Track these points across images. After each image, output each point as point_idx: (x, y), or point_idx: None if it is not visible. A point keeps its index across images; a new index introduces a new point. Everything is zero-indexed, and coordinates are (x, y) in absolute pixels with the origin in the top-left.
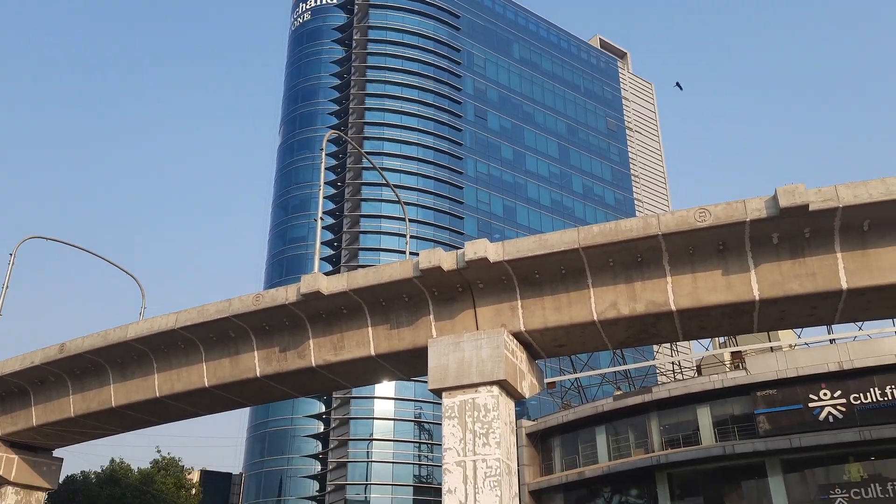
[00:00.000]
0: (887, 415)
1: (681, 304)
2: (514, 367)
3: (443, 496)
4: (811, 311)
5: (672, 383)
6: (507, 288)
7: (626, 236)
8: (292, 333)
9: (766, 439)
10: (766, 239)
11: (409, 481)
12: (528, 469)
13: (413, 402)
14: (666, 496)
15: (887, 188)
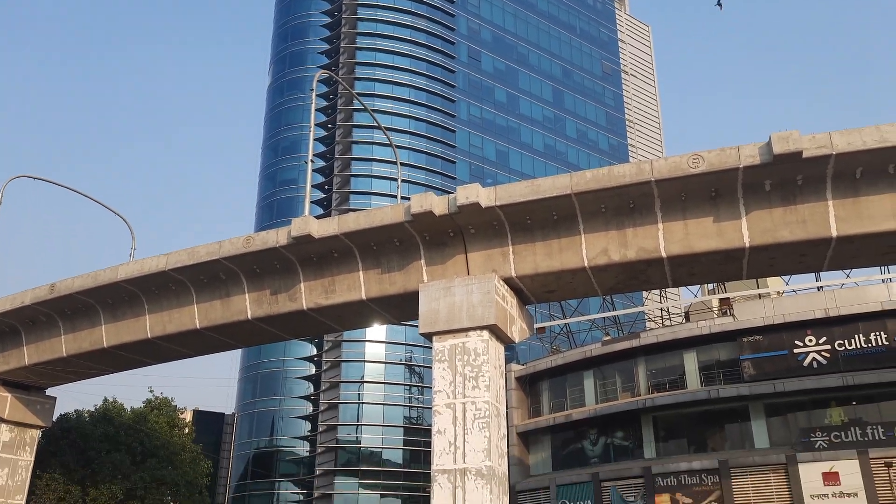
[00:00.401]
0: (870, 361)
1: (671, 250)
2: (504, 312)
3: (432, 436)
4: (800, 258)
5: (660, 329)
6: (498, 233)
7: (618, 182)
8: (283, 277)
9: (751, 384)
10: (759, 186)
11: (399, 422)
12: (517, 411)
13: (404, 345)
14: (651, 438)
15: (881, 135)
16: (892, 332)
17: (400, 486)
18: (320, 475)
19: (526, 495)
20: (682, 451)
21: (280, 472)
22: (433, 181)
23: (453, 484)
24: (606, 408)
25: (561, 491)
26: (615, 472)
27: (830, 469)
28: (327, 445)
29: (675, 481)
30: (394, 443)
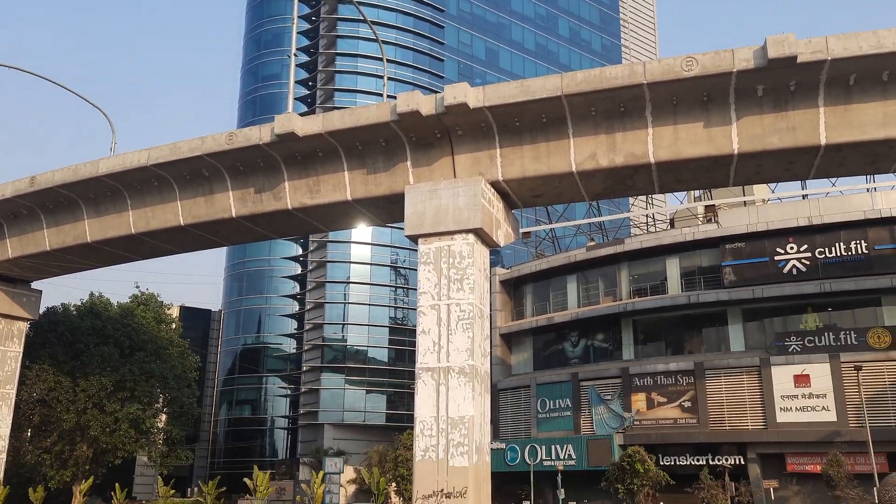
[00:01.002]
0: (848, 268)
1: (660, 156)
2: (490, 215)
3: (417, 336)
4: (788, 165)
5: (644, 235)
6: (486, 135)
7: (610, 84)
8: (267, 175)
9: (730, 290)
10: (751, 91)
11: (384, 322)
12: (501, 314)
13: (389, 247)
14: (630, 341)
15: (878, 41)
16: (872, 240)
17: (385, 384)
18: (307, 371)
19: (507, 393)
20: (660, 354)
21: (267, 367)
22: (420, 80)
23: (437, 381)
24: (588, 311)
25: (541, 389)
26: (594, 372)
27: (802, 372)
28: (314, 343)
29: (651, 381)
30: (379, 342)
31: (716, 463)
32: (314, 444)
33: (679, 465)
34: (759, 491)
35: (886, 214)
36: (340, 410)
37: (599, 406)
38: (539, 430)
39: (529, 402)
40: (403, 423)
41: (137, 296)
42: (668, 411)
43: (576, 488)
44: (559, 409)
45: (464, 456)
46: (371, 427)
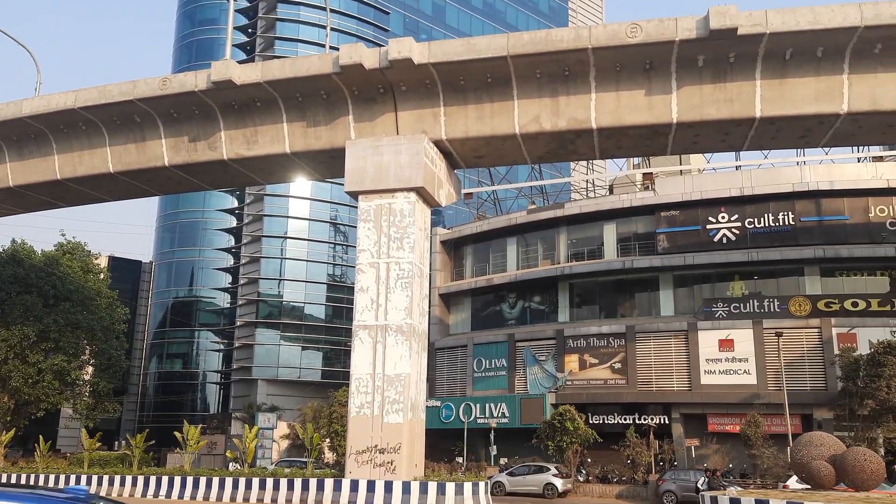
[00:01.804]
0: (775, 238)
1: (602, 122)
2: (432, 174)
3: (355, 294)
4: (724, 136)
5: (584, 200)
6: (430, 93)
7: (556, 47)
8: (203, 124)
9: (663, 256)
10: (692, 61)
11: (322, 279)
12: (440, 274)
13: (329, 203)
14: (566, 304)
15: (815, 17)
16: (799, 212)
17: (321, 341)
18: (241, 326)
19: (444, 352)
20: (594, 317)
21: (200, 321)
22: (364, 32)
23: (374, 339)
24: (527, 274)
25: (478, 349)
26: (530, 333)
27: (727, 337)
28: (248, 298)
29: (584, 343)
30: (316, 298)
31: (642, 422)
32: (247, 400)
33: (607, 423)
34: (681, 449)
35: (813, 188)
36: (275, 366)
37: (534, 366)
38: (474, 388)
39: (466, 362)
40: (339, 381)
41: (63, 244)
42: (599, 372)
43: (508, 445)
44: (495, 368)
45: (399, 413)
46: (306, 383)
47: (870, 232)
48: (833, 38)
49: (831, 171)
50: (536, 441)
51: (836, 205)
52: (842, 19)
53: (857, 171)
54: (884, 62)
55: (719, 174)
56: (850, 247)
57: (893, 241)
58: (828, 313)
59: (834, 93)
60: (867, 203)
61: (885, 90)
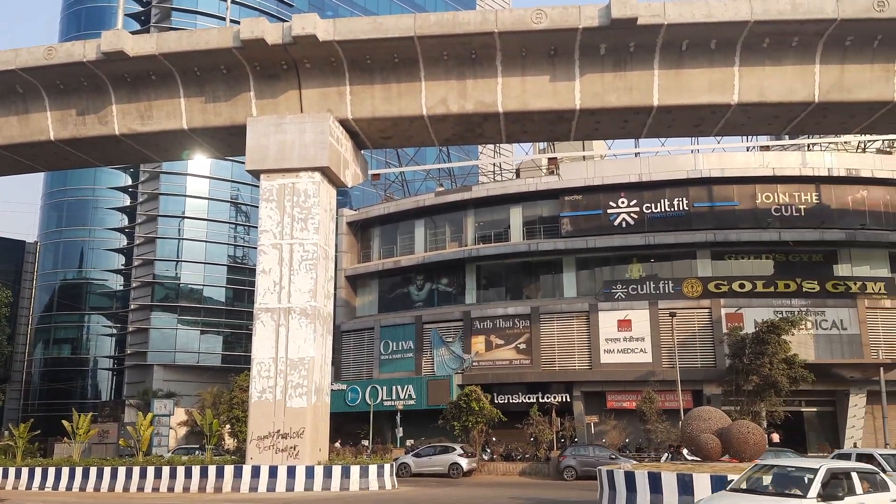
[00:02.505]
0: (671, 223)
1: (508, 106)
2: (338, 154)
3: (257, 276)
4: (623, 124)
5: (491, 184)
6: (336, 72)
7: (463, 29)
8: (92, 97)
9: (567, 239)
10: (595, 49)
11: (222, 261)
12: (347, 255)
13: (230, 182)
14: (473, 286)
15: (709, 10)
16: (692, 198)
17: (221, 324)
18: (135, 310)
19: (351, 335)
20: (500, 299)
21: (90, 304)
22: (267, 6)
23: (277, 322)
24: (434, 256)
25: (385, 331)
26: (437, 315)
27: (625, 317)
28: (143, 280)
29: (490, 325)
30: (216, 281)
31: (545, 401)
32: (142, 386)
33: (512, 402)
34: (581, 425)
35: (706, 175)
36: (172, 351)
37: (441, 348)
38: (381, 371)
39: (373, 344)
40: (241, 365)
41: None
42: (504, 353)
43: (415, 427)
44: (402, 350)
45: (302, 397)
46: (205, 368)
47: (756, 217)
48: (725, 32)
49: (722, 159)
50: (442, 422)
51: (727, 191)
52: (734, 13)
53: (746, 160)
54: (771, 56)
55: (620, 160)
56: (738, 231)
57: (778, 226)
58: (717, 294)
59: (726, 84)
60: (755, 190)
61: (771, 83)
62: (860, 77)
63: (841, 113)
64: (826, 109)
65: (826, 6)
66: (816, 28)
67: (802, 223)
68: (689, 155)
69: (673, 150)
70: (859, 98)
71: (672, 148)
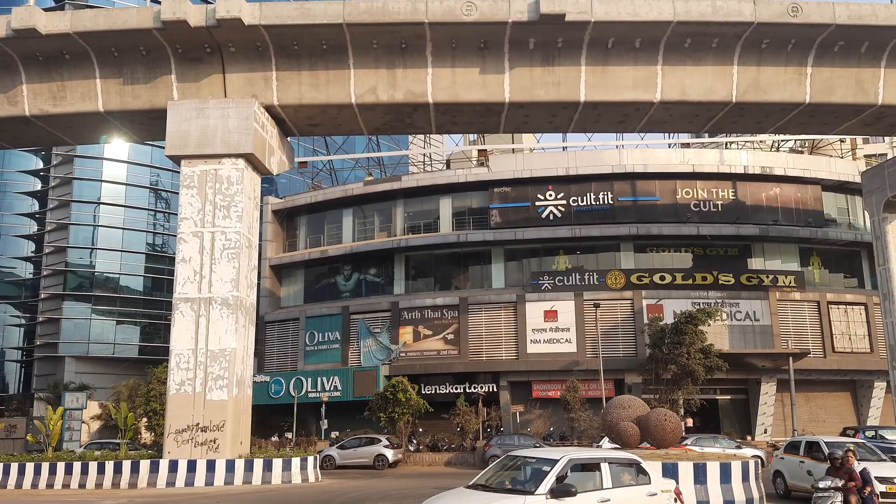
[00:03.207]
0: (596, 216)
1: (438, 97)
2: (263, 141)
3: (176, 265)
4: (551, 118)
5: (421, 174)
6: (262, 56)
7: (392, 18)
8: (1, 75)
9: (495, 231)
10: (524, 43)
11: (141, 248)
12: (272, 245)
13: (149, 167)
14: (401, 276)
15: (634, 9)
16: (617, 192)
17: (139, 314)
18: (46, 299)
19: (275, 326)
20: (429, 289)
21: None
22: None
23: (197, 312)
24: (363, 246)
25: (310, 322)
26: (365, 305)
27: (551, 308)
28: (55, 268)
29: (419, 315)
30: (134, 269)
31: (472, 391)
32: (53, 379)
33: (440, 393)
34: (507, 415)
35: (630, 170)
36: (85, 342)
37: (368, 339)
38: (306, 362)
39: (298, 335)
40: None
41: None
42: (432, 343)
43: (340, 419)
44: (328, 341)
45: (223, 389)
46: (122, 360)
47: (677, 212)
48: (649, 31)
49: (645, 155)
50: (369, 413)
51: (649, 186)
52: (657, 13)
53: (668, 156)
54: (692, 56)
55: (548, 154)
56: (659, 225)
57: (696, 221)
58: (639, 286)
59: (649, 82)
60: (675, 186)
61: (692, 82)
62: (775, 79)
63: (757, 113)
64: (743, 109)
65: (744, 9)
66: (735, 30)
67: (719, 218)
68: (615, 150)
69: (599, 145)
70: (774, 99)
71: (598, 143)
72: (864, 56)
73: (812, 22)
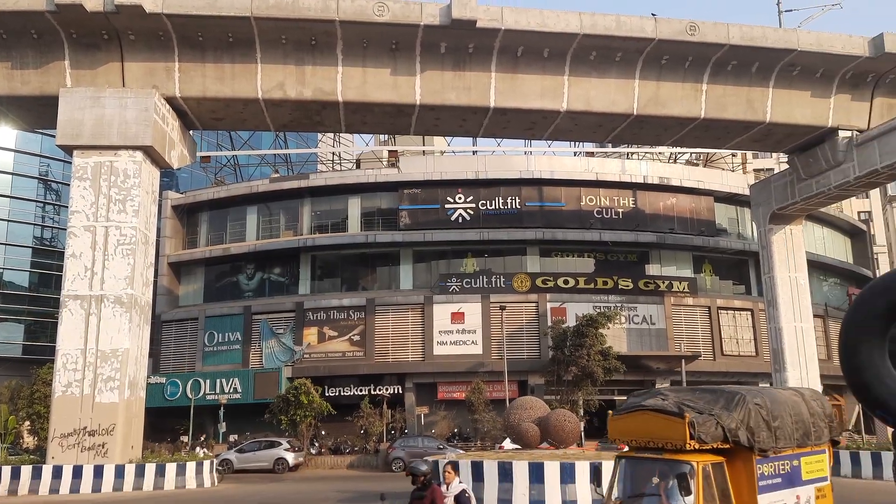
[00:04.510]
0: (504, 220)
1: (348, 96)
2: (163, 134)
3: (66, 260)
4: (462, 122)
5: (329, 173)
6: (164, 46)
7: (302, 14)
8: None
9: (405, 232)
10: (436, 47)
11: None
12: (171, 241)
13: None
14: (307, 276)
15: (543, 20)
16: (524, 197)
17: (24, 312)
18: None
19: (172, 325)
20: (335, 290)
21: None
22: None
23: (87, 311)
24: (267, 244)
25: (210, 322)
26: (268, 305)
27: (458, 310)
28: None
29: (324, 316)
30: (19, 264)
31: (377, 393)
32: None
33: (344, 395)
34: (411, 417)
35: (537, 176)
36: None
37: (271, 339)
38: (205, 363)
39: (197, 335)
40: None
41: None
42: (337, 344)
43: (240, 422)
44: (228, 342)
45: (114, 391)
46: (3, 360)
47: (581, 218)
48: (557, 42)
49: (552, 162)
50: (269, 416)
51: (555, 192)
52: (564, 25)
53: (573, 164)
54: (597, 68)
55: (458, 157)
56: (564, 230)
57: (599, 227)
58: (544, 289)
59: (556, 91)
60: (580, 192)
61: (597, 93)
62: (673, 94)
63: (656, 126)
64: (643, 122)
65: (646, 26)
66: (637, 45)
67: (620, 225)
68: (523, 156)
69: (508, 150)
70: (672, 113)
71: (508, 148)
72: (755, 76)
73: (708, 41)
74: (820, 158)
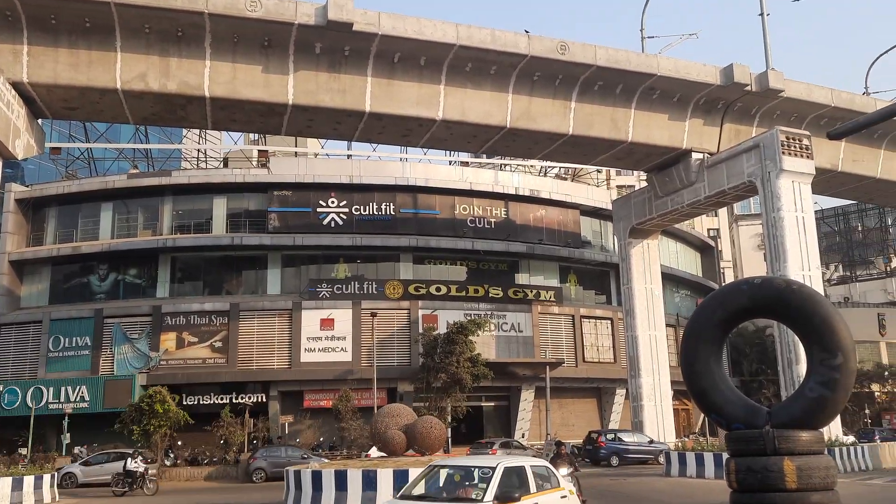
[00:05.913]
0: (378, 226)
1: (215, 91)
2: (7, 121)
3: None
4: (336, 125)
5: (194, 171)
6: (12, 27)
7: (168, 4)
8: None
9: (273, 235)
10: (310, 47)
11: None
12: (13, 237)
13: None
14: (166, 278)
15: (420, 28)
16: (399, 204)
17: None
18: None
19: (12, 328)
20: (197, 293)
21: None
22: None
23: None
24: (123, 244)
25: (56, 325)
26: (122, 309)
27: (328, 316)
28: None
29: (184, 320)
30: None
31: (239, 401)
32: None
33: (204, 403)
34: (275, 426)
35: (412, 183)
36: None
37: (124, 345)
38: (48, 370)
39: (40, 339)
40: None
41: None
42: (198, 351)
43: (87, 432)
44: (76, 347)
45: None
46: None
47: (454, 227)
48: (434, 51)
49: (427, 170)
50: (120, 426)
51: (430, 200)
52: (441, 34)
53: (448, 173)
54: (473, 80)
55: (332, 160)
56: (438, 238)
57: (472, 236)
58: (416, 296)
59: (432, 100)
60: (454, 201)
61: (472, 104)
62: (544, 109)
63: (527, 139)
64: (515, 135)
65: (520, 42)
66: (511, 60)
67: (492, 235)
68: (399, 163)
69: (384, 156)
70: (543, 128)
71: (383, 154)
72: (619, 97)
73: (577, 61)
74: (675, 178)
